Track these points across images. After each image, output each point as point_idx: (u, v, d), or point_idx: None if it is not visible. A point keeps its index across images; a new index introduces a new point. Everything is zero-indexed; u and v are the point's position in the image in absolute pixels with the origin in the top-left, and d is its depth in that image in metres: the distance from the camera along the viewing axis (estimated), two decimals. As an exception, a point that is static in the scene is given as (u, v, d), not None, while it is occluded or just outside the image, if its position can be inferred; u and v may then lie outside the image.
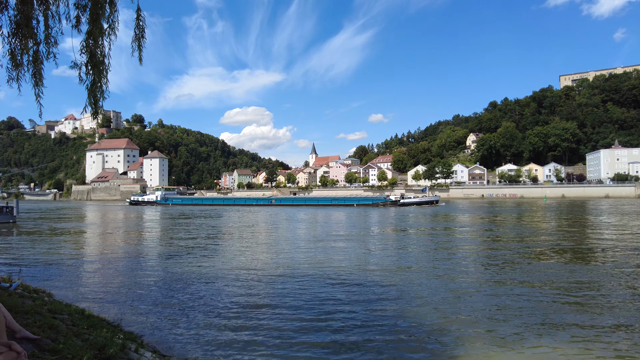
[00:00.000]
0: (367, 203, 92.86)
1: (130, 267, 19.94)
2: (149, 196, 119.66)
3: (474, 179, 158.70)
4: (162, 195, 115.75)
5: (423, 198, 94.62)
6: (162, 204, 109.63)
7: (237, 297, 13.90)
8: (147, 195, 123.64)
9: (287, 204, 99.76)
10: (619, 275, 16.61)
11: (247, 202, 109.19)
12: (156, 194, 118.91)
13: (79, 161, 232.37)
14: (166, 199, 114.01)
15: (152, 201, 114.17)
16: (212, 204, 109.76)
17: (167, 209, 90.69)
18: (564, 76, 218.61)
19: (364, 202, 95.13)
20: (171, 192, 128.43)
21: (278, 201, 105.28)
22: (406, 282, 16.06)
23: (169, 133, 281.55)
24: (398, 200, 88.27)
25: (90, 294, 14.44)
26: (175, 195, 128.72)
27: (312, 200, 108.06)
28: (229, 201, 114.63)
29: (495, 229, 37.82)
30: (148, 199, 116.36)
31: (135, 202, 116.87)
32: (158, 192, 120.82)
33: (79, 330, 6.90)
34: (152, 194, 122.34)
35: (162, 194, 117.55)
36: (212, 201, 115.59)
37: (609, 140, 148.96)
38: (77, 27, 6.96)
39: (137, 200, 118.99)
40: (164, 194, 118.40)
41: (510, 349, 9.36)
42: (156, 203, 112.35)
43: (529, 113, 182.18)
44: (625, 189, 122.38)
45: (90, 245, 30.23)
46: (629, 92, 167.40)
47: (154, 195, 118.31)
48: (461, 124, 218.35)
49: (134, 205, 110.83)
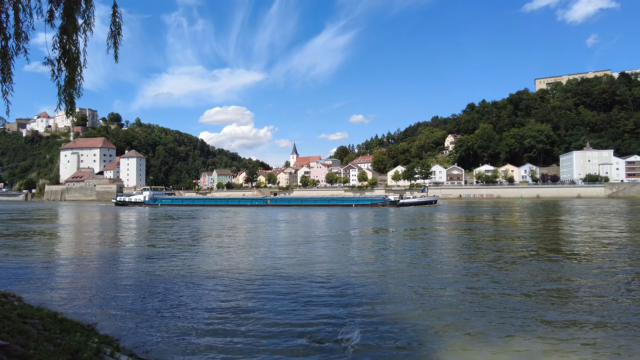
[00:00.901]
0: (366, 203, 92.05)
1: (108, 269, 19.46)
2: (136, 196, 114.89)
3: (452, 180, 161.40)
4: (151, 196, 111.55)
5: (422, 198, 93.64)
6: (151, 205, 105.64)
7: (219, 300, 13.74)
8: (135, 195, 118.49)
9: (284, 204, 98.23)
10: (594, 272, 17.15)
11: (242, 202, 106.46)
12: (144, 194, 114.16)
13: (53, 160, 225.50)
14: (155, 199, 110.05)
15: (139, 202, 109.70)
16: (204, 204, 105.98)
17: (156, 210, 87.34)
18: (539, 79, 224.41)
19: (363, 202, 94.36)
20: (159, 192, 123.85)
21: (274, 202, 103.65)
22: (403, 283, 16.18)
23: (147, 132, 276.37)
24: (397, 201, 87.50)
25: (64, 297, 14.01)
26: (164, 195, 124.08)
27: (310, 200, 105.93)
28: (223, 201, 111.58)
29: (504, 229, 38.52)
30: (136, 199, 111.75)
31: (122, 203, 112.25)
32: (146, 192, 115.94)
33: (51, 334, 6.68)
34: (140, 194, 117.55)
35: (150, 194, 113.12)
36: (204, 202, 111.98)
37: (581, 142, 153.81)
38: (51, 22, 6.73)
39: (123, 200, 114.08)
40: (153, 194, 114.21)
41: (489, 346, 9.54)
42: (144, 204, 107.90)
43: (505, 115, 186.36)
44: (595, 189, 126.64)
45: (68, 248, 29.31)
46: (599, 96, 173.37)
47: (142, 195, 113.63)
48: (440, 126, 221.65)
49: (120, 206, 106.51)
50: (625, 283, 15.44)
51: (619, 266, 18.70)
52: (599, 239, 28.47)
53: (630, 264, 19.28)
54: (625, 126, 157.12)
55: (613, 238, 28.77)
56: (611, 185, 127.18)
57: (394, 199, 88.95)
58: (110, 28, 7.38)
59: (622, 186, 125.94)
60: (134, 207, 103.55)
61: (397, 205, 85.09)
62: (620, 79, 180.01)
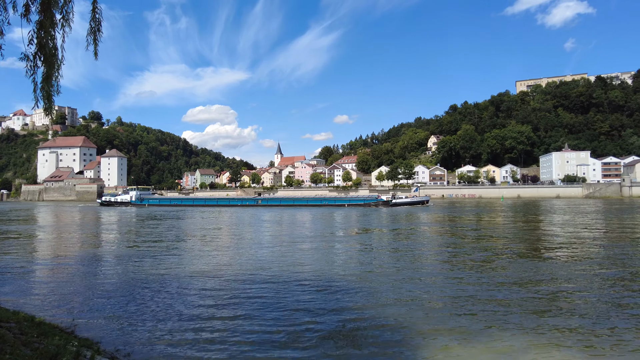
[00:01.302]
0: (359, 203, 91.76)
1: (88, 271, 19.03)
2: (122, 196, 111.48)
3: (435, 180, 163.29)
4: (138, 196, 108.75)
5: (414, 198, 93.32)
6: (138, 205, 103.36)
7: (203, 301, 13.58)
8: (121, 195, 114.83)
9: (274, 204, 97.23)
10: (573, 270, 17.57)
11: (232, 202, 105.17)
12: (130, 194, 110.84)
13: (30, 159, 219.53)
14: (142, 199, 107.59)
15: (125, 202, 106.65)
16: (192, 204, 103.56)
17: (143, 210, 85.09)
18: (519, 82, 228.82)
19: (356, 202, 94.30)
20: (146, 192, 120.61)
21: (265, 202, 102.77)
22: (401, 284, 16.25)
23: (129, 131, 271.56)
24: (390, 201, 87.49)
25: (42, 300, 13.66)
26: (151, 195, 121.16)
27: (302, 200, 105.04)
28: (212, 201, 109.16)
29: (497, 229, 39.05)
30: (122, 199, 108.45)
31: (108, 203, 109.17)
32: (133, 192, 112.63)
33: (28, 338, 6.49)
34: (126, 194, 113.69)
35: (137, 194, 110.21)
36: (194, 202, 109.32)
37: (559, 144, 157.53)
38: (27, 17, 6.53)
39: (109, 200, 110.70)
40: (140, 194, 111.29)
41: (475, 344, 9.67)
42: (131, 204, 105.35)
43: (487, 116, 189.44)
44: (573, 190, 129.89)
45: (47, 250, 28.55)
46: (576, 98, 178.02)
47: (128, 195, 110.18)
48: (423, 127, 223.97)
49: (106, 206, 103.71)
50: (606, 281, 15.85)
51: (600, 265, 19.19)
52: (581, 238, 29.18)
53: (613, 262, 19.79)
54: (601, 128, 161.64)
55: (593, 237, 29.53)
56: (588, 186, 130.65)
57: (387, 199, 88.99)
58: (90, 24, 7.22)
59: (599, 187, 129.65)
60: (120, 207, 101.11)
61: (390, 205, 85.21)
62: (597, 82, 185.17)
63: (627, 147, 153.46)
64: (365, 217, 56.59)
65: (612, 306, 12.39)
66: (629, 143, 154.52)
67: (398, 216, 56.78)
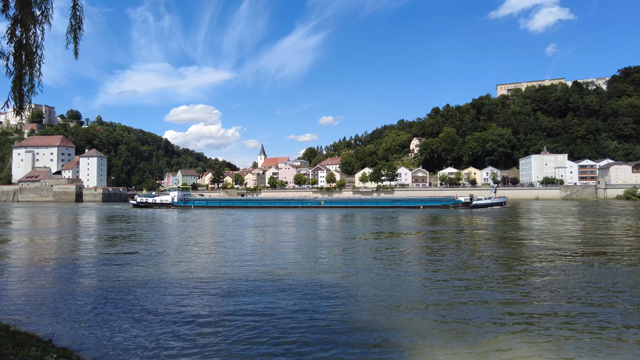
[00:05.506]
0: (436, 205, 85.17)
1: (66, 278, 18.43)
2: (162, 197, 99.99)
3: (417, 182, 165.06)
4: (181, 196, 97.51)
5: (492, 199, 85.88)
6: (182, 207, 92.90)
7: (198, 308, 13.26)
8: (161, 196, 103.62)
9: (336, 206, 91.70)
10: (560, 268, 17.85)
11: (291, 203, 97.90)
12: (171, 194, 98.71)
13: (4, 159, 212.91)
14: (186, 200, 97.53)
15: (167, 203, 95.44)
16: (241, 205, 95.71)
17: (189, 212, 75.06)
18: (500, 85, 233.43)
19: (431, 203, 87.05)
20: (187, 193, 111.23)
21: (327, 203, 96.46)
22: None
23: (109, 131, 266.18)
24: (469, 202, 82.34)
25: (17, 308, 13.09)
26: (192, 196, 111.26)
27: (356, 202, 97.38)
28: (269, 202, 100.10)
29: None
30: (161, 201, 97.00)
31: (144, 204, 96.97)
32: (174, 192, 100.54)
33: (3, 350, 6.18)
34: (166, 194, 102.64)
35: (179, 194, 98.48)
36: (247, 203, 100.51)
37: (538, 147, 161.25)
38: (5, 12, 6.24)
39: (145, 202, 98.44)
40: (183, 194, 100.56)
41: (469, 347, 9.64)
42: (173, 205, 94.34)
43: (468, 119, 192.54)
44: (552, 192, 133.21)
45: (23, 255, 27.53)
46: (555, 102, 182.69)
47: (169, 196, 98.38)
48: (405, 129, 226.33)
49: (141, 208, 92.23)
50: (590, 278, 16.14)
51: (580, 263, 19.55)
52: (564, 237, 29.77)
53: (593, 259, 20.18)
54: (578, 132, 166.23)
55: (574, 236, 30.16)
56: (566, 188, 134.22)
57: (465, 200, 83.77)
58: (70, 22, 6.96)
59: (576, 189, 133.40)
60: (160, 209, 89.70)
61: (470, 207, 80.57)
62: (574, 87, 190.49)
63: (602, 151, 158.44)
64: (474, 221, 49.41)
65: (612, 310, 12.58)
66: (603, 146, 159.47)
67: (503, 221, 48.86)
